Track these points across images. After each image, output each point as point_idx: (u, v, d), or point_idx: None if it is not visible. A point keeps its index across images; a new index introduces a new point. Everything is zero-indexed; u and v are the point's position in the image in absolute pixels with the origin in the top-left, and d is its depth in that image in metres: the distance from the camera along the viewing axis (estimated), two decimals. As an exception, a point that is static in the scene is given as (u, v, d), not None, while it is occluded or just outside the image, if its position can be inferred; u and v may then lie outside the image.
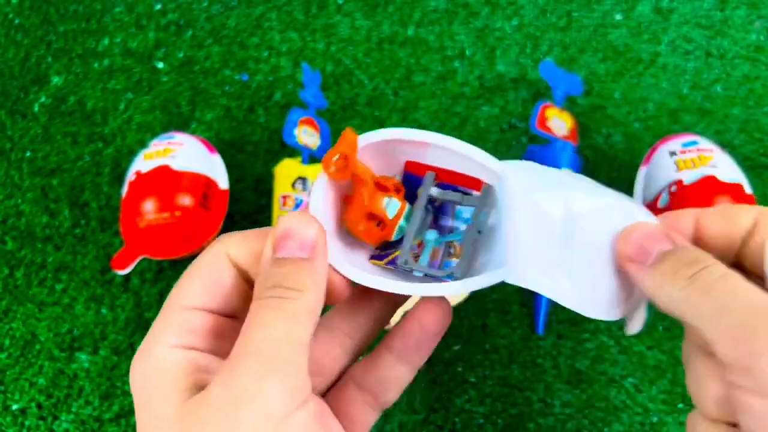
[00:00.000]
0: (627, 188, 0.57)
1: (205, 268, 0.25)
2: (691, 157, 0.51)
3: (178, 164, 0.53)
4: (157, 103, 0.64)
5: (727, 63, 0.63)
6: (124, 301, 0.55)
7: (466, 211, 0.31)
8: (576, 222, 0.26)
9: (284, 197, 0.55)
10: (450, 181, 0.31)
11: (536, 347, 0.52)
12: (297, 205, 0.54)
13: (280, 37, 0.67)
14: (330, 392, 0.28)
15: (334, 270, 0.26)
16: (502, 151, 0.60)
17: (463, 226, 0.30)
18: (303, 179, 0.55)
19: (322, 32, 0.67)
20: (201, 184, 0.53)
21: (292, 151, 0.61)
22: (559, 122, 0.57)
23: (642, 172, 0.54)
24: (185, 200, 0.52)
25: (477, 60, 0.65)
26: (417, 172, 0.31)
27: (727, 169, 0.51)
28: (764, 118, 0.60)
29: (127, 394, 0.52)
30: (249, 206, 0.59)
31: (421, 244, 0.31)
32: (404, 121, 0.62)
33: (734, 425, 0.23)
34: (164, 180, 0.52)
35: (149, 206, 0.52)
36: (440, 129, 0.61)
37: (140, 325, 0.54)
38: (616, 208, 0.26)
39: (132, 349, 0.53)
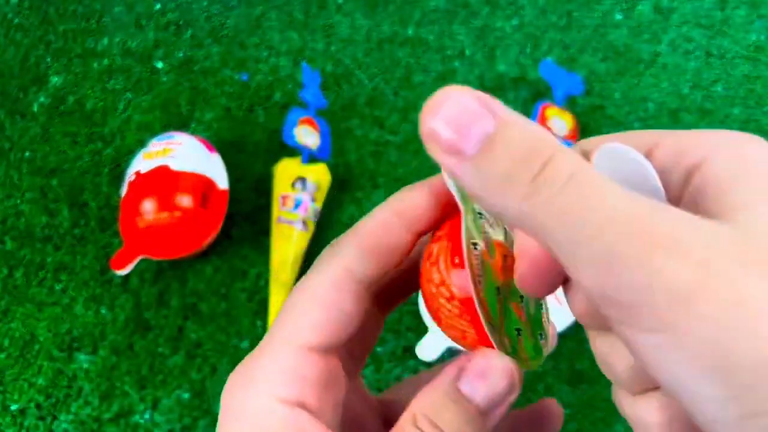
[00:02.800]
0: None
1: (322, 296, 0.20)
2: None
3: (177, 164, 0.53)
4: (156, 103, 0.64)
5: (727, 63, 0.63)
6: (123, 302, 0.55)
7: None
8: None
9: (284, 197, 0.55)
10: None
11: (536, 347, 0.52)
12: (296, 205, 0.54)
13: (280, 36, 0.67)
14: None
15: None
16: (502, 151, 0.60)
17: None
18: (302, 179, 0.55)
19: (322, 32, 0.67)
20: (200, 184, 0.53)
21: (292, 150, 0.61)
22: (559, 122, 0.57)
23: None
24: (184, 200, 0.52)
25: (477, 60, 0.65)
26: None
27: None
28: (765, 118, 0.60)
29: (127, 394, 0.52)
30: (249, 206, 0.59)
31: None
32: (404, 121, 0.62)
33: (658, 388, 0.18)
34: (163, 180, 0.52)
35: (148, 206, 0.51)
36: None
37: (140, 326, 0.54)
38: None
39: (131, 349, 0.53)
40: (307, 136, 0.56)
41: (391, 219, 0.21)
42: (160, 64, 0.66)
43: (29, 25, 0.69)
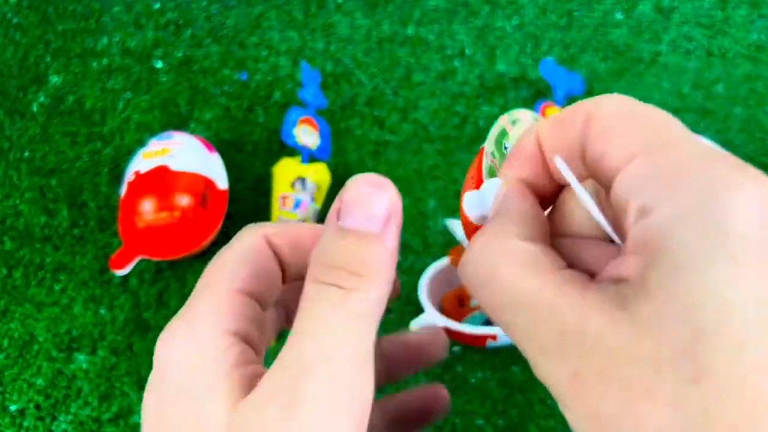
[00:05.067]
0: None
1: (247, 252, 0.22)
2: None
3: (176, 164, 0.53)
4: (156, 103, 0.64)
5: (728, 62, 0.63)
6: (122, 302, 0.55)
7: None
8: None
9: (283, 197, 0.55)
10: None
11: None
12: (296, 205, 0.54)
13: (280, 36, 0.67)
14: None
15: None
16: (502, 151, 0.60)
17: None
18: (302, 179, 0.55)
19: (322, 31, 0.67)
20: (200, 184, 0.53)
21: (292, 150, 0.60)
22: (559, 122, 0.57)
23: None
24: (184, 200, 0.52)
25: (477, 59, 0.64)
26: None
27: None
28: (766, 117, 0.60)
29: (126, 395, 0.51)
30: (248, 206, 0.59)
31: None
32: (404, 121, 0.62)
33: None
34: (163, 180, 0.52)
35: (148, 206, 0.51)
36: (440, 128, 0.61)
37: (139, 326, 0.54)
38: None
39: (131, 350, 0.53)
40: (306, 135, 0.56)
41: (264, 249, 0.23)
42: (159, 64, 0.66)
43: (28, 25, 0.69)
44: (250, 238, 0.22)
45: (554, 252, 0.18)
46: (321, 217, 0.57)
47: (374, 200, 0.20)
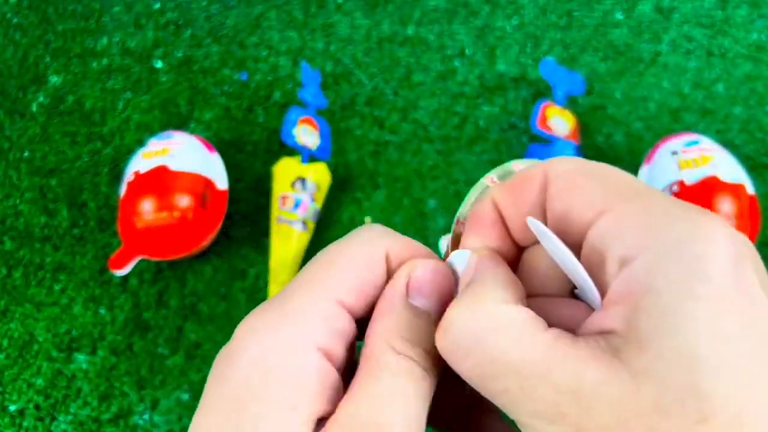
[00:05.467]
0: (628, 188, 0.57)
1: (362, 261, 0.20)
2: (692, 156, 0.51)
3: (176, 164, 0.53)
4: (155, 103, 0.64)
5: (728, 62, 0.63)
6: (122, 302, 0.55)
7: None
8: None
9: (283, 197, 0.55)
10: None
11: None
12: (296, 205, 0.54)
13: (280, 36, 0.67)
14: None
15: None
16: (503, 151, 0.60)
17: None
18: (302, 179, 0.55)
19: (322, 31, 0.67)
20: (200, 184, 0.53)
21: (292, 150, 0.60)
22: (560, 121, 0.56)
23: (643, 172, 0.54)
24: (183, 200, 0.52)
25: (477, 59, 0.64)
26: None
27: (728, 169, 0.50)
28: (766, 117, 0.60)
29: (126, 395, 0.51)
30: (248, 206, 0.59)
31: None
32: (404, 121, 0.62)
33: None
34: (162, 180, 0.52)
35: (147, 206, 0.51)
36: (440, 128, 0.61)
37: (139, 326, 0.54)
38: None
39: (130, 350, 0.53)
40: (306, 135, 0.56)
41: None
42: (159, 64, 0.66)
43: (28, 25, 0.69)
44: (370, 248, 0.20)
45: (534, 313, 0.18)
46: (321, 218, 0.57)
47: (441, 282, 0.20)
